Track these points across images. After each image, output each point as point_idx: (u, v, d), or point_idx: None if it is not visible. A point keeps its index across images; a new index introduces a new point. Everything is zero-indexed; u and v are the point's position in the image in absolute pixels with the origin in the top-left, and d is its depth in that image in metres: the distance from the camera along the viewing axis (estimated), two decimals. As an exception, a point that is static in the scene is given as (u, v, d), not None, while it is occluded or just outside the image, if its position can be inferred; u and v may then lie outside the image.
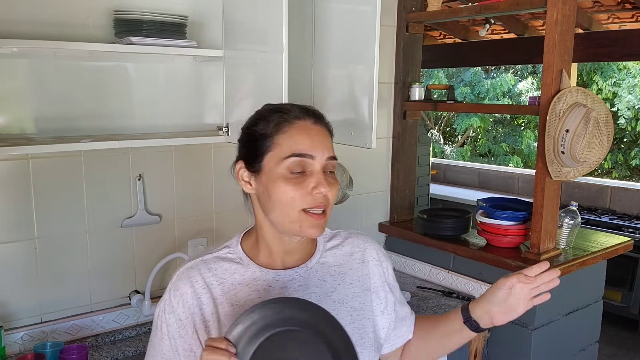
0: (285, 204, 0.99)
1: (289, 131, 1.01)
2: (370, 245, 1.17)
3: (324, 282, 1.09)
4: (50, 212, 1.70)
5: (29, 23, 1.60)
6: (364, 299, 1.12)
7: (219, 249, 1.12)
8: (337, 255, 1.13)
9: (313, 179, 0.99)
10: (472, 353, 2.14)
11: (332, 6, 1.95)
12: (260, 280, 1.05)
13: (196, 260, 1.09)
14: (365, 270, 1.14)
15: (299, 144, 1.00)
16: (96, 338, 1.78)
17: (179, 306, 1.03)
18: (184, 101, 1.92)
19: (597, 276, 2.32)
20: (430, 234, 2.36)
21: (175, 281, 1.07)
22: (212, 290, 1.04)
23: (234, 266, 1.07)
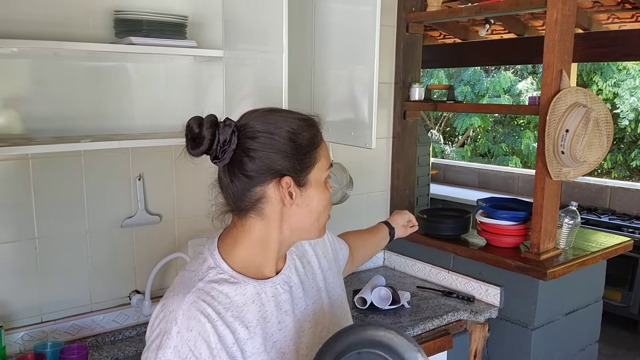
0: (322, 211, 1.05)
1: (322, 143, 1.05)
2: None
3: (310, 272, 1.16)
4: (50, 212, 1.70)
5: (29, 23, 1.60)
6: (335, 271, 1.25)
7: (204, 272, 1.01)
8: (297, 246, 1.17)
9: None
10: (472, 353, 2.14)
11: (332, 6, 1.95)
12: (262, 293, 1.02)
13: (193, 292, 0.96)
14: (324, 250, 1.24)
15: (328, 156, 1.07)
16: (96, 338, 1.78)
17: (197, 347, 0.91)
18: (184, 101, 1.92)
19: (597, 276, 2.33)
20: (430, 234, 2.36)
21: (184, 321, 0.92)
22: (224, 318, 0.96)
23: (231, 287, 0.99)
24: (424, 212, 2.46)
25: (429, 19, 2.45)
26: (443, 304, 2.13)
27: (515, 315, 2.09)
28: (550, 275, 1.94)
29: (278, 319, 1.03)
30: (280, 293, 1.05)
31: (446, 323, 2.04)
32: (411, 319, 1.99)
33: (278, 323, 1.02)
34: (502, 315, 2.13)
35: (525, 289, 2.04)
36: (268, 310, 1.02)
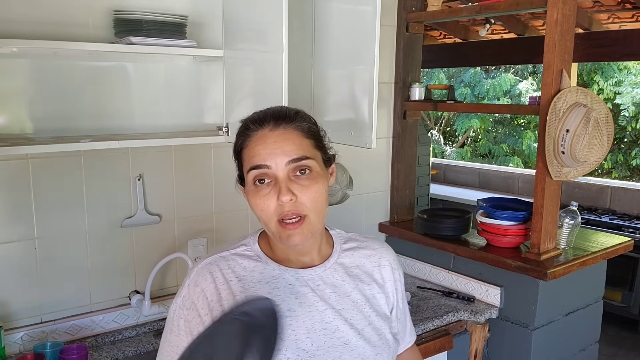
0: (261, 217, 1.01)
1: (249, 145, 1.02)
2: (386, 250, 1.19)
3: (343, 282, 1.09)
4: (50, 212, 1.70)
5: (28, 23, 1.59)
6: (380, 300, 1.13)
7: (235, 247, 1.11)
8: (354, 257, 1.14)
9: (276, 188, 0.98)
10: (472, 353, 2.14)
11: (332, 6, 1.95)
12: (280, 278, 1.06)
13: (214, 256, 1.08)
14: (380, 274, 1.15)
15: (254, 156, 1.00)
16: (96, 338, 1.78)
17: (199, 301, 1.02)
18: (183, 101, 1.92)
19: (597, 276, 2.32)
20: (430, 234, 2.35)
21: (194, 277, 1.05)
22: (231, 286, 1.03)
23: (253, 263, 1.07)
24: (424, 212, 2.45)
25: (429, 18, 2.45)
26: (443, 304, 2.13)
27: (516, 316, 2.09)
28: (551, 276, 1.94)
29: (288, 306, 1.04)
30: (295, 285, 1.06)
31: (446, 323, 2.03)
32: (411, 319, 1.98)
33: (287, 310, 1.03)
34: (502, 315, 2.13)
35: (526, 289, 2.04)
36: (282, 294, 1.04)
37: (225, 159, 2.03)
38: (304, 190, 0.98)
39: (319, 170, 1.02)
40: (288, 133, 1.01)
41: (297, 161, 0.99)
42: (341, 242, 1.16)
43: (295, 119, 1.03)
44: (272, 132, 1.01)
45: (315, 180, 1.00)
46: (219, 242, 2.05)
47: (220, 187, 2.03)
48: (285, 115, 1.03)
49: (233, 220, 2.08)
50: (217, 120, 1.97)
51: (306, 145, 1.02)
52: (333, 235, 1.17)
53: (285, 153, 0.98)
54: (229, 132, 1.88)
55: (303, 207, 0.99)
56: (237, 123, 1.86)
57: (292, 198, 0.97)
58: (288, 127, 1.01)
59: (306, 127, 1.04)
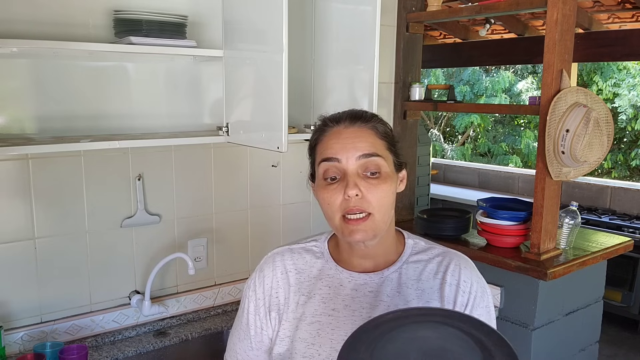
0: (326, 211, 1.02)
1: (323, 139, 1.04)
2: (457, 268, 1.07)
3: (397, 293, 1.05)
4: (50, 212, 1.70)
5: (28, 23, 1.59)
6: None
7: (307, 241, 1.16)
8: (419, 270, 1.08)
9: (344, 182, 0.99)
10: (472, 353, 2.14)
11: (332, 6, 1.95)
12: (334, 277, 1.08)
13: (284, 247, 1.15)
14: (442, 292, 1.05)
15: (327, 149, 1.02)
16: (96, 338, 1.78)
17: (260, 286, 1.11)
18: (183, 101, 1.92)
19: (597, 276, 2.32)
20: (430, 234, 2.35)
21: (262, 264, 1.14)
22: (289, 277, 1.10)
23: (314, 259, 1.12)
24: (424, 212, 2.45)
25: (429, 18, 2.45)
26: (443, 304, 2.13)
27: (516, 316, 2.09)
28: (551, 276, 1.94)
29: (334, 305, 1.05)
30: (346, 287, 1.06)
31: (446, 323, 2.03)
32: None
33: (332, 309, 1.05)
34: (502, 315, 2.13)
35: (526, 289, 2.04)
36: (331, 293, 1.06)
37: (225, 159, 2.03)
38: (372, 188, 0.99)
39: (389, 172, 1.03)
40: (362, 131, 1.03)
41: (367, 157, 1.00)
42: (412, 252, 1.12)
43: (371, 120, 1.05)
44: (346, 128, 1.03)
45: (383, 180, 1.01)
46: (219, 242, 2.05)
47: (220, 187, 2.03)
48: (361, 115, 1.06)
49: (233, 220, 2.08)
50: (217, 120, 1.97)
51: (379, 144, 1.03)
52: (407, 244, 1.13)
53: (357, 148, 1.00)
54: (229, 132, 1.88)
55: (369, 204, 0.99)
56: (237, 123, 1.87)
57: (358, 193, 0.98)
58: (363, 126, 1.04)
59: (381, 128, 1.05)
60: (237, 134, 1.85)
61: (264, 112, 1.70)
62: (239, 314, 1.16)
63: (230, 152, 2.02)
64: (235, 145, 1.93)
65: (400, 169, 1.09)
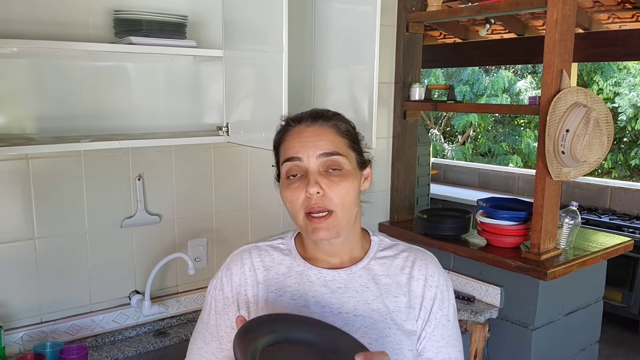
0: (290, 210, 1.04)
1: (285, 139, 1.05)
2: (423, 263, 1.10)
3: (365, 288, 1.07)
4: (50, 212, 1.70)
5: (28, 23, 1.59)
6: (404, 315, 1.06)
7: (274, 238, 1.16)
8: (386, 266, 1.10)
9: (305, 180, 1.00)
10: (472, 353, 2.14)
11: (332, 6, 1.95)
12: (302, 274, 1.08)
13: (250, 244, 1.15)
14: (410, 287, 1.08)
15: (289, 149, 1.03)
16: (96, 338, 1.78)
17: (227, 284, 1.10)
18: (183, 101, 1.92)
19: (597, 276, 2.32)
20: (430, 234, 2.35)
21: (228, 261, 1.13)
22: (257, 274, 1.09)
23: (282, 257, 1.12)
24: (424, 212, 2.45)
25: (429, 18, 2.45)
26: (443, 304, 2.13)
27: (516, 316, 2.09)
28: (551, 276, 1.94)
29: (304, 302, 1.06)
30: (315, 284, 1.07)
31: (446, 323, 2.03)
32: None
33: (302, 306, 1.06)
34: (502, 315, 2.13)
35: (526, 289, 2.04)
36: (301, 290, 1.07)
37: (225, 159, 2.03)
38: (333, 185, 1.00)
39: (350, 169, 1.04)
40: (323, 130, 1.04)
41: (328, 155, 1.01)
42: (378, 249, 1.13)
43: (332, 118, 1.06)
44: (308, 127, 1.04)
45: (344, 178, 1.02)
46: (219, 242, 2.05)
47: (220, 187, 2.03)
48: (323, 114, 1.07)
49: (233, 220, 2.08)
50: (217, 120, 1.97)
51: (340, 142, 1.04)
52: (372, 241, 1.15)
53: (318, 147, 1.01)
54: (229, 132, 1.88)
55: (330, 202, 1.00)
56: (237, 123, 1.87)
57: (319, 191, 0.99)
58: (324, 124, 1.05)
59: (343, 126, 1.07)
60: (237, 134, 1.85)
61: (264, 112, 1.70)
62: (203, 317, 1.13)
63: (230, 152, 2.02)
64: (235, 145, 1.93)
65: (364, 167, 1.10)
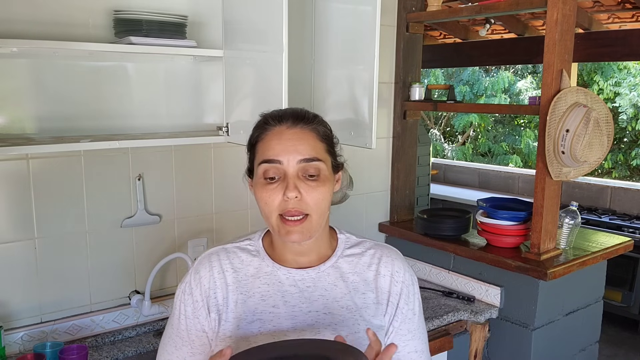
0: (263, 210, 1.04)
1: (264, 138, 1.05)
2: (389, 260, 1.13)
3: (334, 286, 1.09)
4: (50, 212, 1.70)
5: (28, 23, 1.59)
6: (372, 311, 1.09)
7: (241, 240, 1.15)
8: (353, 263, 1.12)
9: (284, 184, 1.00)
10: (472, 353, 2.14)
11: (332, 6, 1.95)
12: (271, 274, 1.09)
13: (218, 247, 1.14)
14: (377, 283, 1.10)
15: (268, 150, 1.03)
16: (96, 338, 1.78)
17: (197, 288, 1.08)
18: (183, 101, 1.92)
19: (597, 276, 2.32)
20: (430, 234, 2.35)
21: (197, 265, 1.12)
22: (226, 276, 1.09)
23: (250, 258, 1.11)
24: (424, 212, 2.45)
25: (429, 18, 2.45)
26: (443, 304, 2.13)
27: (516, 316, 2.09)
28: (551, 276, 1.94)
29: (274, 302, 1.07)
30: (285, 284, 1.08)
31: (446, 323, 2.03)
32: None
33: (272, 306, 1.06)
34: (502, 315, 2.13)
35: (526, 289, 2.04)
36: (270, 290, 1.07)
37: (225, 159, 2.03)
38: (310, 190, 1.01)
39: (327, 175, 1.05)
40: (304, 133, 1.04)
41: (308, 161, 1.02)
42: (345, 247, 1.14)
43: (313, 121, 1.06)
44: (289, 129, 1.04)
45: (322, 183, 1.03)
46: (219, 242, 2.05)
47: (220, 187, 2.03)
48: (304, 116, 1.07)
49: (233, 220, 2.08)
50: (217, 120, 1.97)
51: (319, 147, 1.05)
52: (339, 239, 1.15)
53: (299, 151, 1.01)
54: (229, 132, 1.88)
55: (307, 206, 1.01)
56: (237, 123, 1.87)
57: (297, 195, 1.00)
58: (305, 127, 1.05)
59: (322, 130, 1.07)
60: (237, 134, 1.85)
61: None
62: (173, 322, 1.11)
63: (230, 152, 2.02)
64: (235, 145, 1.93)
65: (338, 170, 1.11)
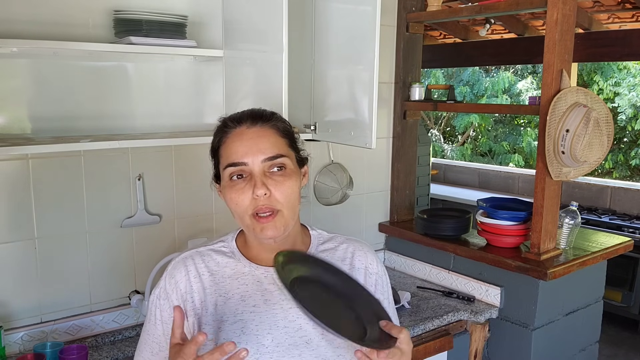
0: (235, 211, 1.05)
1: (226, 142, 1.07)
2: (363, 255, 1.18)
3: None
4: (50, 212, 1.70)
5: (28, 23, 1.59)
6: None
7: (214, 243, 1.16)
8: (328, 258, 1.14)
9: (251, 183, 1.02)
10: (472, 353, 2.14)
11: (332, 6, 1.95)
12: (249, 274, 1.10)
13: (191, 251, 1.14)
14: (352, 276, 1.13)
15: (232, 153, 1.05)
16: (96, 338, 1.78)
17: (173, 293, 1.09)
18: (184, 101, 1.92)
19: (597, 276, 2.32)
20: (430, 234, 2.35)
21: (171, 270, 1.12)
22: (203, 280, 1.09)
23: (226, 259, 1.12)
24: (424, 212, 2.45)
25: (429, 18, 2.45)
26: (443, 304, 2.13)
27: (516, 316, 2.09)
28: (551, 276, 1.94)
29: (254, 302, 1.07)
30: (263, 283, 1.09)
31: (446, 323, 2.03)
32: (411, 319, 1.99)
33: (252, 306, 1.07)
34: (502, 315, 2.13)
35: (526, 289, 2.04)
36: (249, 290, 1.08)
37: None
38: (278, 185, 1.03)
39: (293, 168, 1.07)
40: (264, 131, 1.06)
41: (272, 159, 1.04)
42: (319, 242, 1.18)
43: (271, 119, 1.08)
44: (248, 129, 1.06)
45: (289, 177, 1.05)
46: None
47: (220, 187, 2.03)
48: (262, 114, 1.09)
49: (233, 220, 2.06)
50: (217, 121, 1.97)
51: (281, 143, 1.07)
52: (312, 236, 1.19)
53: (262, 150, 1.03)
54: (229, 132, 1.88)
55: (277, 202, 1.03)
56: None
57: (266, 192, 1.02)
58: (264, 125, 1.07)
59: (281, 126, 1.09)
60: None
61: (264, 112, 1.70)
62: (148, 328, 1.12)
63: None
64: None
65: (303, 165, 1.13)
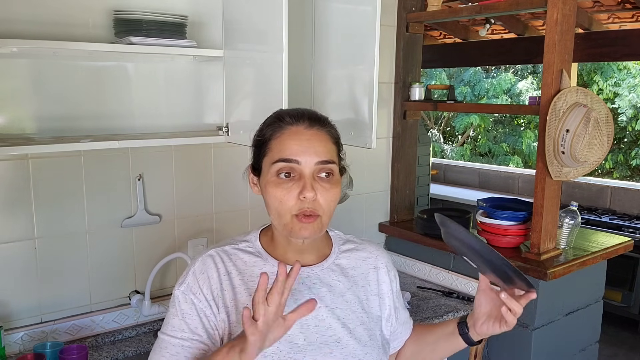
0: (275, 208, 1.04)
1: (280, 137, 1.05)
2: (382, 253, 1.23)
3: (338, 282, 1.13)
4: (50, 212, 1.70)
5: (28, 23, 1.59)
6: (373, 302, 1.17)
7: (238, 242, 1.15)
8: (351, 259, 1.18)
9: (300, 183, 1.02)
10: (472, 353, 2.14)
11: (332, 6, 1.95)
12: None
13: (217, 249, 1.12)
14: (376, 276, 1.19)
15: (286, 149, 1.04)
16: (96, 338, 1.78)
17: (205, 287, 1.06)
18: (184, 101, 1.92)
19: (597, 276, 2.32)
20: (430, 234, 2.35)
21: (200, 265, 1.09)
22: (232, 278, 1.08)
23: (253, 259, 1.11)
24: (424, 212, 2.45)
25: (429, 18, 2.45)
26: (443, 304, 2.13)
27: (516, 316, 2.08)
28: (551, 276, 1.94)
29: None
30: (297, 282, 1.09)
31: (446, 323, 2.03)
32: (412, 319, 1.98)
33: None
34: (502, 315, 2.12)
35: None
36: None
37: (225, 159, 2.03)
38: (325, 192, 1.03)
39: (338, 177, 1.08)
40: (321, 135, 1.06)
41: (325, 163, 1.04)
42: (340, 243, 1.20)
43: (326, 124, 1.09)
44: (307, 130, 1.05)
45: (335, 185, 1.06)
46: (218, 242, 2.05)
47: (220, 187, 2.03)
48: (319, 118, 1.09)
49: (233, 220, 2.08)
50: (217, 120, 1.97)
51: (332, 150, 1.07)
52: (332, 237, 1.20)
53: (317, 153, 1.03)
54: (229, 132, 1.88)
55: (320, 207, 1.04)
56: (237, 123, 1.87)
57: (314, 196, 1.02)
58: (321, 129, 1.07)
59: (334, 133, 1.10)
60: (237, 134, 1.85)
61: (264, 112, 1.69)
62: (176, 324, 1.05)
63: (230, 152, 2.02)
64: (235, 145, 1.93)
65: (342, 173, 1.14)
